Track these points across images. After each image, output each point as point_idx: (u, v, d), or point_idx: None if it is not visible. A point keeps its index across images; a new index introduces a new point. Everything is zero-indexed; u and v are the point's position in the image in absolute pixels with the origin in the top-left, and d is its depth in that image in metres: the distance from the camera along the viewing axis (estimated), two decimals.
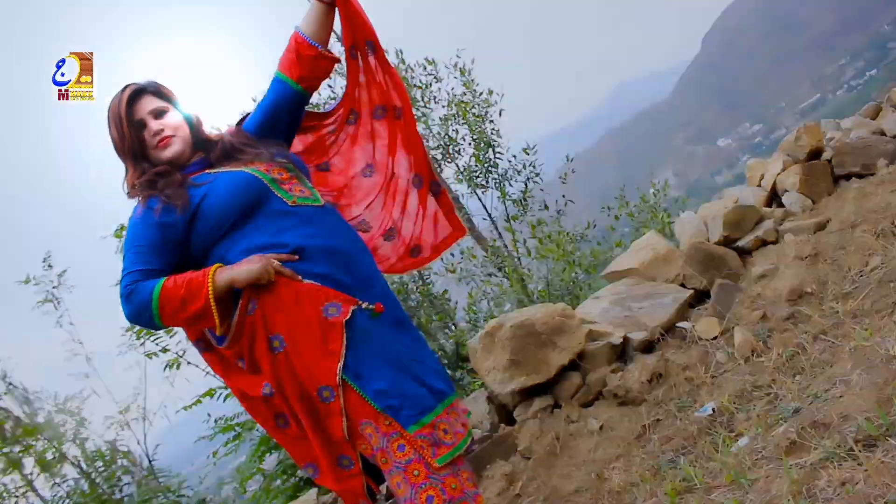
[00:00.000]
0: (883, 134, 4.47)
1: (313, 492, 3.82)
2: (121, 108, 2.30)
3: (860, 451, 2.01)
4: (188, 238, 2.28)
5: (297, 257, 2.20)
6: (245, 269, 2.13)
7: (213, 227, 2.25)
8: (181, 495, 6.46)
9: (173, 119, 2.37)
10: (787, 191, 4.38)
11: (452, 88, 7.54)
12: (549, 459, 3.29)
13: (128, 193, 2.35)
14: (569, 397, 3.55)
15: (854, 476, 1.91)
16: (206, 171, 2.40)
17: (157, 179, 2.29)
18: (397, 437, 2.16)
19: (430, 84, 7.47)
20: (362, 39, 2.69)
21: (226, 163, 2.40)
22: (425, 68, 7.46)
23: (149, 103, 2.35)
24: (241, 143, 2.48)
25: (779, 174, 4.48)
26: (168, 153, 2.32)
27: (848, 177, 4.32)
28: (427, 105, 7.50)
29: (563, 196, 7.73)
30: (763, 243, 4.11)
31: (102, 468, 6.41)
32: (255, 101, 7.97)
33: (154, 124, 2.33)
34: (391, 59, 7.71)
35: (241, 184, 2.27)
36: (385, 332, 2.26)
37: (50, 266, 6.28)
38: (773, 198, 4.57)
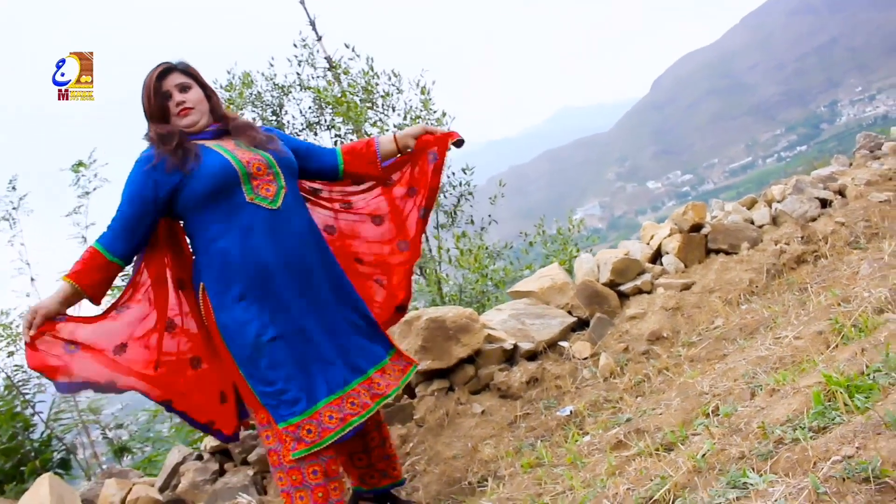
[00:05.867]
0: (752, 223, 5.04)
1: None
2: (152, 79, 2.64)
3: (661, 451, 2.48)
4: (175, 197, 2.61)
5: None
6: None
7: (189, 200, 2.60)
8: (96, 411, 6.79)
9: (195, 95, 2.70)
10: (667, 253, 4.87)
11: (410, 100, 7.82)
12: (438, 430, 3.81)
13: (146, 137, 2.69)
14: (462, 384, 4.06)
15: (651, 466, 2.31)
16: (214, 141, 2.70)
17: (169, 137, 2.61)
18: (268, 428, 2.61)
19: (392, 94, 7.74)
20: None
21: (238, 135, 2.74)
22: (390, 79, 7.75)
23: (176, 79, 2.68)
24: (252, 125, 2.84)
25: (665, 238, 4.94)
26: (185, 121, 2.67)
27: (717, 251, 4.82)
28: (385, 112, 7.77)
29: (490, 215, 8.02)
30: (639, 291, 4.61)
31: (21, 383, 6.66)
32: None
33: (178, 96, 2.67)
34: (361, 65, 8.07)
35: (218, 172, 2.57)
36: (286, 340, 2.58)
37: (14, 188, 6.50)
38: (657, 257, 4.99)
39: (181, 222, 2.80)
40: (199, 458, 4.17)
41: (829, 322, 3.06)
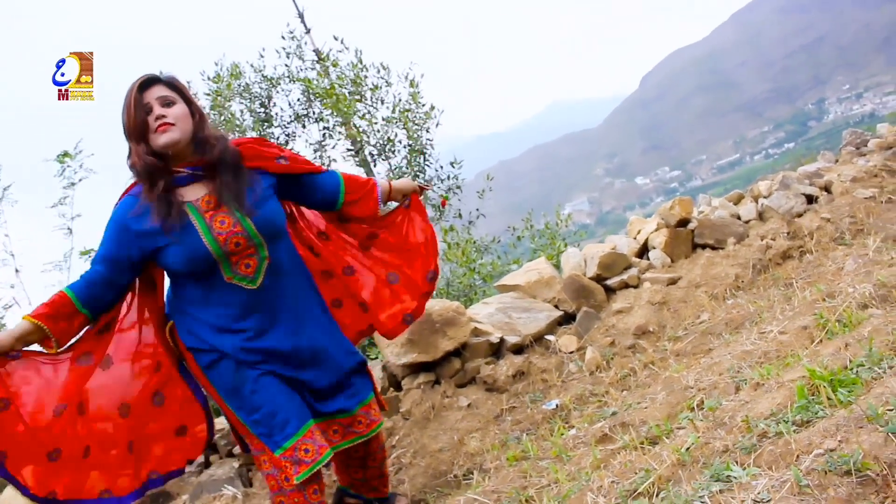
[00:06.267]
0: (739, 218, 5.07)
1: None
2: (133, 91, 2.41)
3: (646, 444, 2.51)
4: (153, 258, 2.49)
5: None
6: None
7: (166, 270, 2.55)
8: None
9: (177, 111, 2.44)
10: (654, 248, 4.90)
11: (399, 93, 7.80)
12: (424, 423, 3.81)
13: (130, 167, 2.47)
14: (448, 377, 4.05)
15: (636, 459, 2.35)
16: (192, 189, 2.49)
17: (154, 177, 2.41)
18: (263, 454, 2.54)
19: (381, 87, 7.71)
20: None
21: (214, 173, 2.49)
22: (379, 71, 7.72)
23: (159, 91, 2.45)
24: (233, 168, 2.53)
25: (652, 233, 4.97)
26: (163, 139, 2.39)
27: (704, 246, 4.85)
28: (374, 105, 7.76)
29: (477, 209, 8.06)
30: (626, 286, 4.63)
31: None
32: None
33: (158, 110, 2.41)
34: (350, 57, 8.06)
35: (193, 256, 2.41)
36: (265, 369, 2.51)
37: None
38: (644, 251, 5.03)
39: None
40: None
41: (813, 317, 3.09)
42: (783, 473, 1.70)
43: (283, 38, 8.30)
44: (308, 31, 8.52)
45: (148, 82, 2.47)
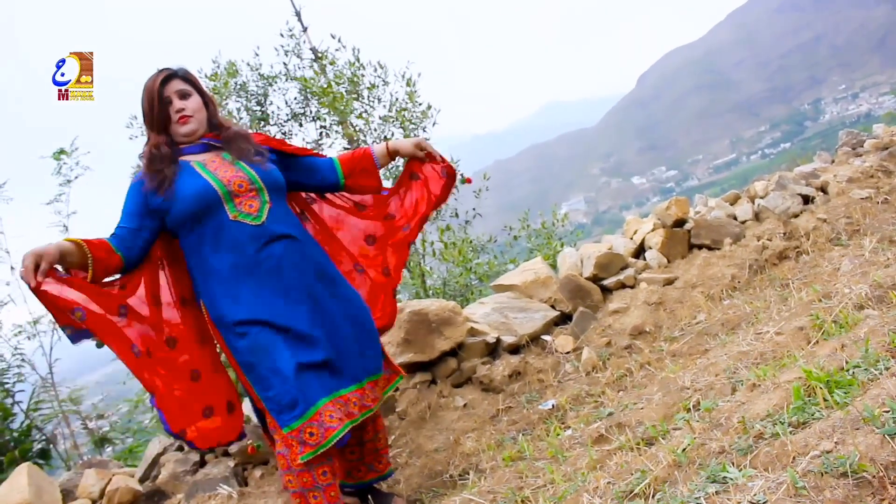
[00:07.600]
0: (735, 218, 5.08)
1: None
2: (155, 86, 2.70)
3: (642, 445, 2.51)
4: (163, 216, 2.68)
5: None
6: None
7: (176, 221, 2.67)
8: (76, 401, 6.73)
9: (194, 102, 2.77)
10: (650, 248, 4.90)
11: (396, 92, 7.78)
12: (420, 422, 3.82)
13: (140, 156, 2.80)
14: (444, 377, 4.06)
15: (632, 460, 2.33)
16: (202, 156, 2.76)
17: (156, 160, 2.68)
18: (276, 432, 2.63)
19: (378, 85, 7.70)
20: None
21: (229, 147, 2.79)
22: (376, 70, 7.71)
23: (177, 85, 2.75)
24: (244, 137, 2.86)
25: (648, 233, 4.98)
26: (184, 129, 2.74)
27: (700, 247, 4.87)
28: (371, 104, 7.74)
29: (474, 209, 8.01)
30: (623, 286, 4.65)
31: (0, 372, 6.57)
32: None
33: (178, 103, 2.73)
34: (347, 56, 8.04)
35: (198, 195, 2.61)
36: (282, 346, 2.57)
37: None
38: (640, 251, 5.02)
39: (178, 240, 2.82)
40: (180, 448, 4.15)
41: (809, 318, 3.09)
42: (779, 475, 1.70)
43: (281, 35, 8.29)
44: (305, 30, 8.50)
45: (167, 78, 2.75)
